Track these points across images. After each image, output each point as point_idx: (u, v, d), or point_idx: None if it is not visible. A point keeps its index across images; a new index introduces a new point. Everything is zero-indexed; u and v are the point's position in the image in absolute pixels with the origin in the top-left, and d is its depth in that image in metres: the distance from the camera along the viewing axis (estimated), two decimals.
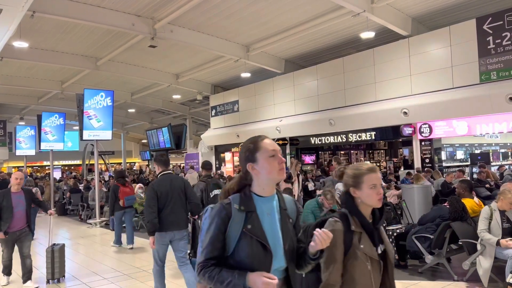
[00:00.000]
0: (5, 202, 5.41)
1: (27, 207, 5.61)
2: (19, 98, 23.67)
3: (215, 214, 1.89)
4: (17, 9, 7.51)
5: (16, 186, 5.57)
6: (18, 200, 5.52)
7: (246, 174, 1.95)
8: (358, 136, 14.79)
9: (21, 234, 5.59)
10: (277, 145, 1.97)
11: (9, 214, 5.39)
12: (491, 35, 10.53)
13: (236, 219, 1.84)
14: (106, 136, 12.34)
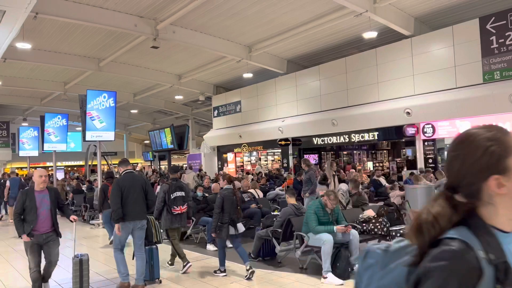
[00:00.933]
0: (28, 202, 4.85)
1: (52, 207, 5.01)
2: (22, 99, 23.76)
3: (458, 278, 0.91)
4: (20, 11, 7.53)
5: (42, 184, 4.98)
6: (42, 199, 4.96)
7: (475, 194, 1.03)
8: (361, 136, 14.75)
9: (48, 238, 4.96)
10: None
11: (34, 215, 4.82)
12: (494, 35, 10.49)
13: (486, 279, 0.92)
14: (109, 137, 12.34)
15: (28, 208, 4.85)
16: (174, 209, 6.24)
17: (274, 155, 21.17)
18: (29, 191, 5.00)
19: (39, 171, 5.11)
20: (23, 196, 4.91)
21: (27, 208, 4.85)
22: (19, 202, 4.88)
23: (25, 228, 4.81)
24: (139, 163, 39.09)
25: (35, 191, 4.98)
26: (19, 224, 4.83)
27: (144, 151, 36.85)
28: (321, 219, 5.73)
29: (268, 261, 6.63)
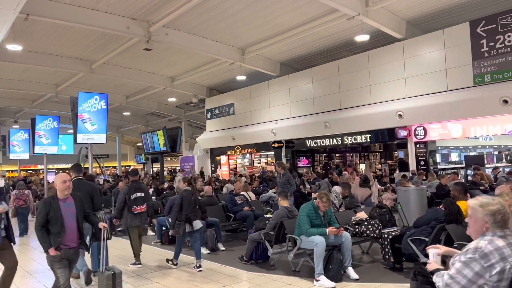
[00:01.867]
0: (53, 213, 4.17)
1: (78, 217, 4.38)
2: (13, 101, 23.53)
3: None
4: (8, 12, 7.47)
5: (66, 191, 4.30)
6: (68, 208, 4.29)
7: None
8: (354, 139, 14.81)
9: (76, 253, 4.40)
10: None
11: (60, 227, 4.17)
12: (484, 38, 10.60)
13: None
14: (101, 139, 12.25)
15: (53, 219, 4.18)
16: (134, 209, 6.83)
17: (267, 157, 21.18)
18: (53, 200, 4.29)
19: (61, 176, 4.38)
20: (46, 206, 4.20)
21: (51, 219, 4.18)
22: (42, 213, 4.19)
23: (53, 241, 4.16)
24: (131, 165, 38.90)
25: (59, 199, 4.27)
26: (44, 236, 4.17)
27: (137, 153, 36.66)
28: (313, 221, 5.72)
29: (260, 264, 6.61)
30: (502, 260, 2.36)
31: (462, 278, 2.41)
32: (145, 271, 6.58)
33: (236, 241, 8.64)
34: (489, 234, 2.47)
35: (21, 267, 7.16)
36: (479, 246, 2.44)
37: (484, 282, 2.38)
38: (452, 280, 2.46)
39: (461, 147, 17.39)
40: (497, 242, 2.42)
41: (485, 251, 2.39)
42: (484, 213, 2.48)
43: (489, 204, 2.50)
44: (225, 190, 12.73)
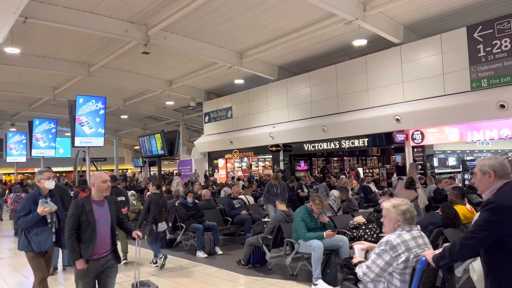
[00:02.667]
0: (85, 216, 3.67)
1: (112, 222, 3.87)
2: (10, 104, 23.45)
3: None
4: (8, 15, 7.48)
5: (105, 192, 3.84)
6: (102, 212, 3.79)
7: None
8: (351, 143, 14.84)
9: (106, 263, 3.77)
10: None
11: (92, 233, 3.66)
12: (481, 43, 10.67)
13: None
14: (98, 142, 12.25)
15: (85, 224, 3.66)
16: None
17: (265, 161, 21.18)
18: (86, 201, 3.76)
19: (101, 175, 3.87)
20: (78, 209, 3.67)
21: (83, 224, 3.66)
22: (73, 216, 3.66)
23: (83, 252, 3.62)
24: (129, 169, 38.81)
25: (93, 201, 3.78)
26: (74, 245, 3.61)
27: (134, 157, 36.57)
28: (309, 225, 5.73)
29: (258, 268, 6.60)
30: (407, 251, 2.80)
31: (376, 267, 2.86)
32: (142, 275, 6.55)
33: (233, 245, 8.63)
34: (399, 229, 2.91)
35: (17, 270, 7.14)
36: (389, 240, 2.86)
37: (393, 269, 2.82)
38: (369, 269, 2.90)
39: (458, 152, 17.43)
40: (404, 236, 2.87)
41: (394, 243, 2.82)
42: (396, 213, 2.93)
43: (400, 205, 2.96)
44: (222, 194, 12.72)
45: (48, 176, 4.58)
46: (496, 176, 2.49)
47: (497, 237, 2.35)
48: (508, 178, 2.49)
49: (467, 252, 2.52)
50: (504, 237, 2.32)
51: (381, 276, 2.88)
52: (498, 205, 2.37)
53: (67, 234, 3.66)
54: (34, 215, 4.32)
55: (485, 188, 2.55)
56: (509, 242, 2.32)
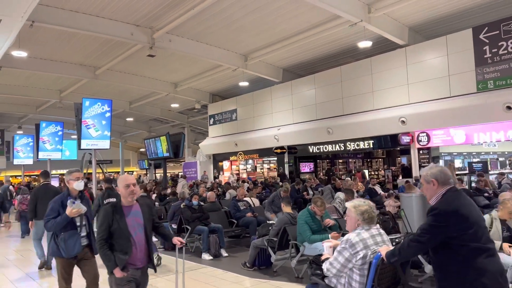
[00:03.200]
0: (116, 224, 3.35)
1: (147, 229, 3.50)
2: (17, 107, 23.68)
3: None
4: (16, 19, 7.55)
5: (130, 197, 3.45)
6: (134, 217, 3.45)
7: None
8: (356, 145, 14.81)
9: (144, 274, 3.55)
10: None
11: (127, 242, 3.35)
12: (487, 45, 10.62)
13: None
14: (104, 145, 12.29)
15: (117, 232, 3.35)
16: None
17: (270, 163, 21.18)
18: (116, 206, 3.44)
19: (125, 179, 3.49)
20: (107, 217, 3.37)
21: (115, 232, 3.35)
22: (103, 225, 3.36)
23: (118, 259, 3.32)
24: (134, 171, 38.93)
25: (123, 207, 3.45)
26: (108, 254, 3.33)
27: (140, 159, 36.70)
28: (313, 227, 5.72)
29: (263, 270, 6.59)
30: (365, 248, 3.04)
31: (337, 263, 3.12)
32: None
33: (239, 247, 8.63)
34: (359, 228, 3.15)
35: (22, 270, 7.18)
36: (349, 238, 3.10)
37: (353, 265, 3.07)
38: (331, 265, 3.16)
39: (465, 154, 17.33)
40: (363, 234, 3.11)
41: (353, 241, 3.06)
42: (356, 213, 3.18)
43: (360, 205, 3.21)
44: (228, 196, 12.73)
45: (77, 176, 4.35)
46: (439, 183, 2.71)
47: (441, 239, 2.57)
48: (450, 184, 2.72)
49: (412, 252, 2.83)
50: (449, 239, 2.54)
51: (342, 271, 3.13)
52: (441, 211, 2.59)
53: (98, 243, 3.39)
54: (62, 217, 4.13)
55: (431, 195, 2.79)
56: (453, 244, 2.53)
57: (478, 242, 2.52)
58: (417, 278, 5.86)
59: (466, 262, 2.51)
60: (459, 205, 2.60)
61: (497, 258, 2.60)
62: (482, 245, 2.53)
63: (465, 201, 2.65)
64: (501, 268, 2.60)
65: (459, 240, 2.52)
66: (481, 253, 2.51)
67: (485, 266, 2.50)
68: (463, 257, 2.52)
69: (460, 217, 2.53)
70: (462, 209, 2.57)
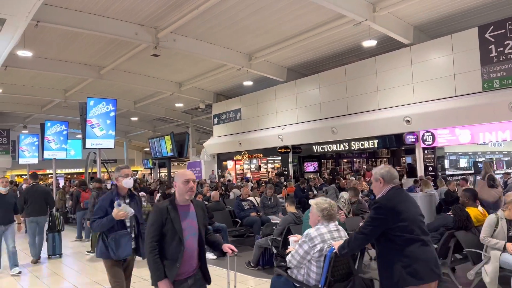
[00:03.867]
0: (170, 224, 2.92)
1: (201, 232, 3.10)
2: (22, 107, 23.81)
3: None
4: (20, 19, 7.59)
5: (187, 195, 3.04)
6: (188, 220, 3.03)
7: None
8: (361, 144, 14.75)
9: (194, 284, 3.09)
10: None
11: (179, 247, 2.92)
12: (493, 44, 10.54)
13: None
14: (109, 144, 12.35)
15: (169, 235, 2.92)
16: None
17: (274, 163, 21.17)
18: (170, 206, 3.00)
19: (184, 174, 3.10)
20: (161, 215, 2.94)
21: (167, 234, 2.92)
22: (155, 224, 2.93)
23: (168, 270, 2.88)
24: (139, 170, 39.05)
25: (177, 206, 3.03)
26: (157, 261, 2.88)
27: (144, 158, 36.80)
28: None
29: (267, 269, 6.58)
30: (322, 242, 3.39)
31: (297, 256, 3.46)
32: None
33: (243, 247, 8.62)
34: (319, 224, 3.52)
35: (29, 270, 7.22)
36: (309, 233, 3.45)
37: (311, 257, 3.40)
38: (292, 257, 3.50)
39: (470, 153, 17.22)
40: (322, 229, 3.48)
41: (312, 235, 3.42)
42: (317, 209, 3.55)
43: (321, 203, 3.58)
44: (232, 196, 12.74)
45: (127, 173, 4.02)
46: (385, 182, 3.11)
47: (382, 230, 2.93)
48: (394, 183, 3.11)
49: (359, 244, 3.14)
50: (388, 231, 2.92)
51: (301, 263, 3.46)
52: (381, 205, 2.99)
53: (148, 247, 2.91)
54: (108, 218, 3.81)
55: (378, 192, 3.18)
56: (391, 235, 2.90)
57: (412, 233, 2.88)
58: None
59: (401, 251, 2.86)
60: (398, 201, 2.98)
61: (430, 248, 2.94)
62: (415, 236, 2.89)
63: (403, 198, 3.04)
64: (433, 257, 2.93)
65: (395, 231, 2.88)
66: (414, 243, 2.86)
67: (417, 254, 2.85)
68: (399, 246, 2.87)
69: (397, 212, 2.91)
70: (399, 205, 2.95)
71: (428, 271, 2.85)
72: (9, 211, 6.84)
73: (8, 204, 6.84)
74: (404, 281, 2.81)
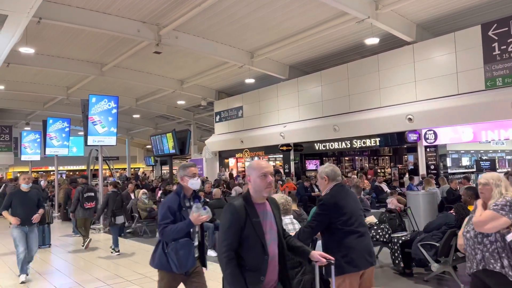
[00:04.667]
0: (250, 228, 2.43)
1: (281, 237, 2.61)
2: (25, 104, 23.85)
3: None
4: (22, 15, 7.58)
5: (266, 191, 2.55)
6: (267, 221, 2.56)
7: None
8: (363, 142, 14.73)
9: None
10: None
11: (262, 255, 2.44)
12: (496, 42, 10.50)
13: None
14: (111, 141, 12.35)
15: (250, 239, 2.43)
16: (86, 204, 9.04)
17: (275, 161, 21.16)
18: (247, 203, 2.52)
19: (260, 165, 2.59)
20: (240, 215, 2.44)
21: (247, 240, 2.42)
22: (233, 226, 2.43)
23: (251, 285, 2.41)
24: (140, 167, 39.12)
25: (254, 204, 2.54)
26: (237, 274, 2.40)
27: (146, 155, 36.85)
28: None
29: None
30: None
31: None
32: (153, 273, 6.58)
33: None
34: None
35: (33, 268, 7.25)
36: None
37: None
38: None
39: (472, 151, 17.19)
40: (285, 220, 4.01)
41: None
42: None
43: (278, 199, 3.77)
44: (233, 193, 12.75)
45: (194, 172, 3.51)
46: (330, 179, 3.41)
47: (326, 224, 3.23)
48: (337, 180, 3.41)
49: (307, 237, 3.38)
50: (330, 224, 3.21)
51: None
52: (325, 202, 3.28)
53: (224, 257, 2.41)
54: (186, 223, 3.28)
55: (323, 189, 3.47)
56: (333, 228, 3.20)
57: (351, 226, 3.19)
58: (423, 277, 5.82)
59: (340, 242, 3.16)
60: (339, 198, 3.27)
61: (365, 239, 3.25)
62: (354, 229, 3.19)
63: (344, 194, 3.33)
64: (367, 247, 3.24)
65: (337, 224, 3.18)
66: (352, 235, 3.17)
67: (354, 245, 3.15)
68: (339, 237, 3.17)
69: (338, 207, 3.21)
70: (340, 201, 3.24)
71: (362, 259, 3.17)
72: (33, 210, 6.36)
73: (32, 202, 6.40)
74: (343, 268, 3.08)
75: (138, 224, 10.77)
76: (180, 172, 3.55)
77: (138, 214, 10.49)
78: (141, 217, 10.45)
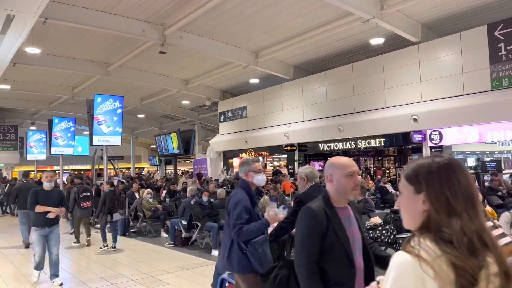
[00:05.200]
0: (333, 235, 2.14)
1: (366, 245, 2.31)
2: (30, 104, 23.98)
3: None
4: (29, 16, 7.63)
5: (353, 193, 2.27)
6: (352, 228, 2.25)
7: None
8: (367, 143, 14.69)
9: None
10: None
11: (349, 268, 2.14)
12: (502, 42, 10.42)
13: None
14: (116, 141, 12.42)
15: (334, 249, 2.13)
16: (83, 204, 9.30)
17: (280, 161, 21.15)
18: (328, 206, 2.22)
19: (345, 163, 2.30)
20: (321, 220, 2.16)
21: (330, 249, 2.12)
22: (313, 233, 2.13)
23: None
24: (145, 167, 39.23)
25: (335, 208, 2.23)
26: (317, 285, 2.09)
27: (151, 155, 36.95)
28: None
29: None
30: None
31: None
32: (157, 272, 6.63)
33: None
34: None
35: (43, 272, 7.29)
36: None
37: None
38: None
39: (478, 152, 17.09)
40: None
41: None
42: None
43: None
44: None
45: (260, 168, 3.37)
46: (308, 180, 3.68)
47: None
48: (315, 181, 3.69)
49: (284, 232, 3.61)
50: None
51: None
52: (300, 200, 3.51)
53: (304, 269, 2.09)
54: (264, 223, 3.17)
55: (301, 188, 3.78)
56: None
57: None
58: None
59: None
60: (314, 196, 3.24)
61: None
62: None
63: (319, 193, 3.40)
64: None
65: None
66: None
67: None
68: None
69: None
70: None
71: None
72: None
73: (54, 201, 6.20)
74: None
75: (142, 223, 10.80)
76: (245, 167, 3.37)
77: (142, 214, 10.52)
78: (145, 217, 10.48)
